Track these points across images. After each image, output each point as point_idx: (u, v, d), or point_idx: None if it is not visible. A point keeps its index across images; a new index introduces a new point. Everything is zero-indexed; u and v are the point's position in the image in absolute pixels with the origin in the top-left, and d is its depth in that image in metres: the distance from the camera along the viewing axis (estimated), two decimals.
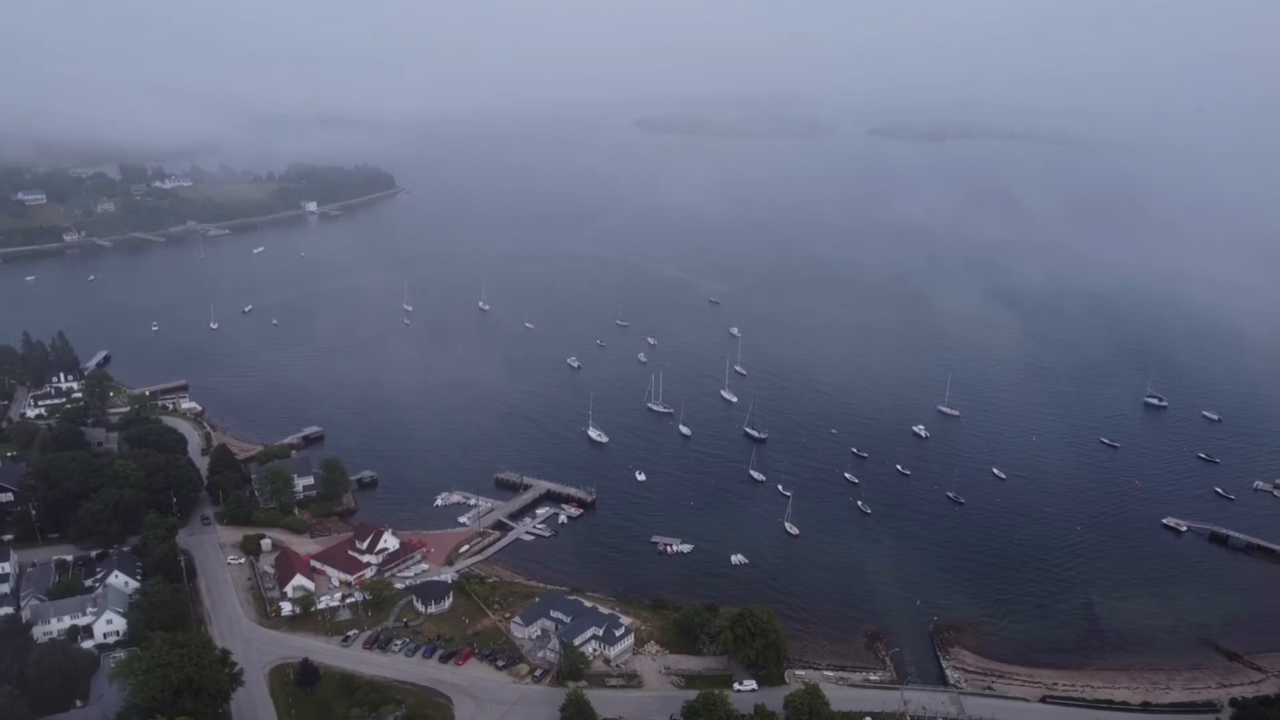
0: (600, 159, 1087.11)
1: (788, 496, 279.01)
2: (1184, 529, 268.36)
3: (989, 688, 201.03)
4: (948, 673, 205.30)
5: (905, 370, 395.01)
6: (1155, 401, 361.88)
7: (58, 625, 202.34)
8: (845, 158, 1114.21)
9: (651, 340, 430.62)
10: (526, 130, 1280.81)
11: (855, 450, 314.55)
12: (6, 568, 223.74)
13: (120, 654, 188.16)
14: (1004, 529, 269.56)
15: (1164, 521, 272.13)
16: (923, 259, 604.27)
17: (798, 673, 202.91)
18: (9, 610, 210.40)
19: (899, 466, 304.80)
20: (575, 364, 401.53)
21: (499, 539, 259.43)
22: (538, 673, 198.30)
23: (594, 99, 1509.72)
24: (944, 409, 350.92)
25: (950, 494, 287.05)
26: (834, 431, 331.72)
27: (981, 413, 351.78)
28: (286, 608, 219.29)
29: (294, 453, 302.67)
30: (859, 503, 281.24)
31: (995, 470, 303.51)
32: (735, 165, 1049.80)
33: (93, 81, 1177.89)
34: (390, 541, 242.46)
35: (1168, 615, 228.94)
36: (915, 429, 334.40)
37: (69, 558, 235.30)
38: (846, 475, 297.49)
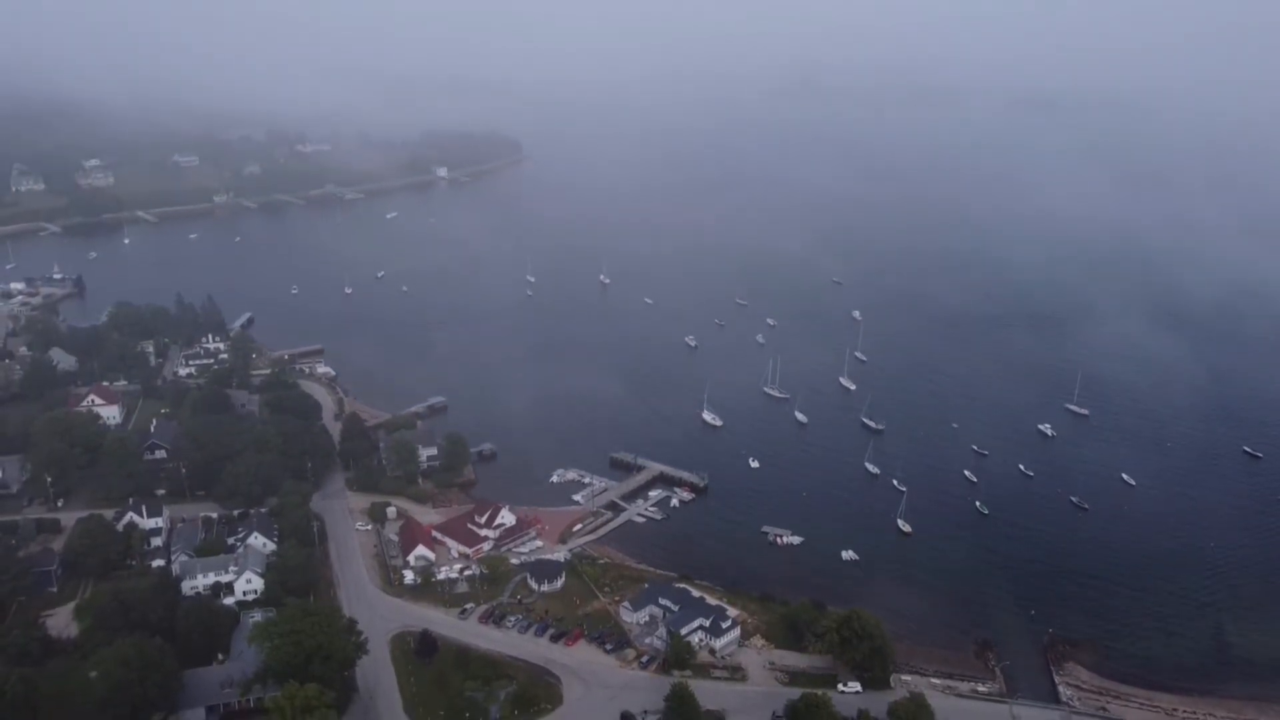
0: (730, 129, 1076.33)
1: (902, 492, 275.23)
2: None
3: (1103, 709, 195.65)
4: (1060, 689, 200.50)
5: (1033, 365, 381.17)
6: None
7: (203, 581, 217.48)
8: (984, 131, 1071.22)
9: (771, 321, 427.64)
10: (655, 99, 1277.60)
11: (976, 447, 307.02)
12: (160, 522, 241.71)
13: (257, 614, 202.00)
14: (1130, 540, 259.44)
15: None
16: (1060, 246, 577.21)
17: (904, 678, 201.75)
18: (161, 563, 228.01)
19: (1021, 466, 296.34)
20: (693, 343, 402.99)
21: (611, 519, 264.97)
22: (644, 659, 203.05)
23: (723, 71, 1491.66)
24: (1072, 407, 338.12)
25: (1074, 499, 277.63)
26: (955, 426, 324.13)
27: (1113, 413, 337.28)
28: (408, 576, 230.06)
29: (419, 423, 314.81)
30: (977, 503, 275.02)
31: (1124, 476, 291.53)
32: (867, 138, 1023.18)
33: (236, 52, 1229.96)
34: (507, 517, 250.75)
35: None
36: (1041, 427, 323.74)
37: (214, 515, 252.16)
38: (966, 473, 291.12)
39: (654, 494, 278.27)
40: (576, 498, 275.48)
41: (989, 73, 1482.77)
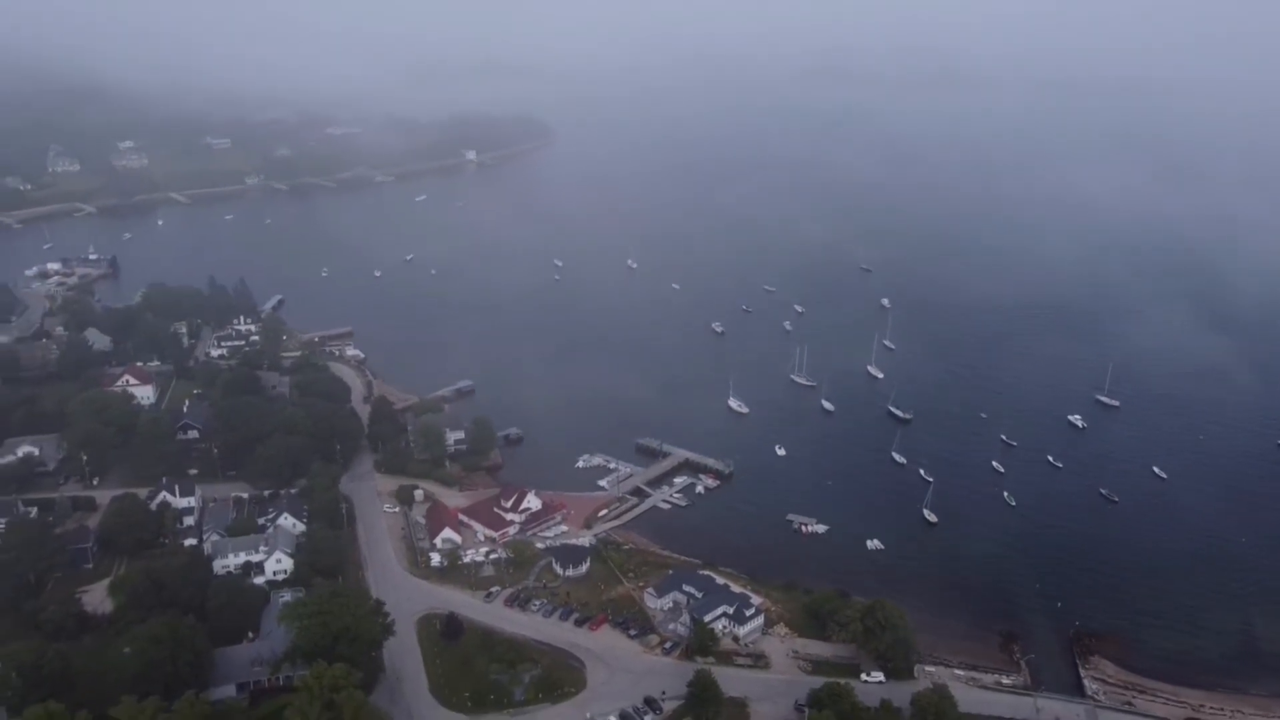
0: (757, 112, 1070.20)
1: (929, 482, 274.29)
2: None
3: (1129, 703, 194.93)
4: (1086, 683, 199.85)
5: (1064, 354, 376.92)
6: None
7: (234, 560, 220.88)
8: (1014, 116, 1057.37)
9: (799, 308, 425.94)
10: (685, 80, 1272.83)
11: (1004, 437, 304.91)
12: (192, 502, 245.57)
13: (287, 594, 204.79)
14: (1160, 533, 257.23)
15: None
16: (1094, 234, 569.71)
17: (928, 669, 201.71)
18: (193, 542, 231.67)
19: (1050, 458, 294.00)
20: (719, 329, 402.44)
21: (636, 505, 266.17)
22: (667, 645, 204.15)
23: (753, 52, 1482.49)
24: (1103, 398, 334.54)
25: (1104, 491, 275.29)
26: (983, 416, 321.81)
27: (1144, 405, 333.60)
28: (435, 559, 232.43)
29: (446, 406, 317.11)
30: (1005, 494, 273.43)
31: (1155, 469, 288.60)
32: (895, 122, 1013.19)
33: (266, 34, 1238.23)
34: (533, 502, 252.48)
35: None
36: (1071, 418, 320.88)
37: (245, 496, 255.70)
38: (994, 464, 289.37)
39: (679, 480, 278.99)
40: (602, 483, 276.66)
41: (1018, 57, 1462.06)
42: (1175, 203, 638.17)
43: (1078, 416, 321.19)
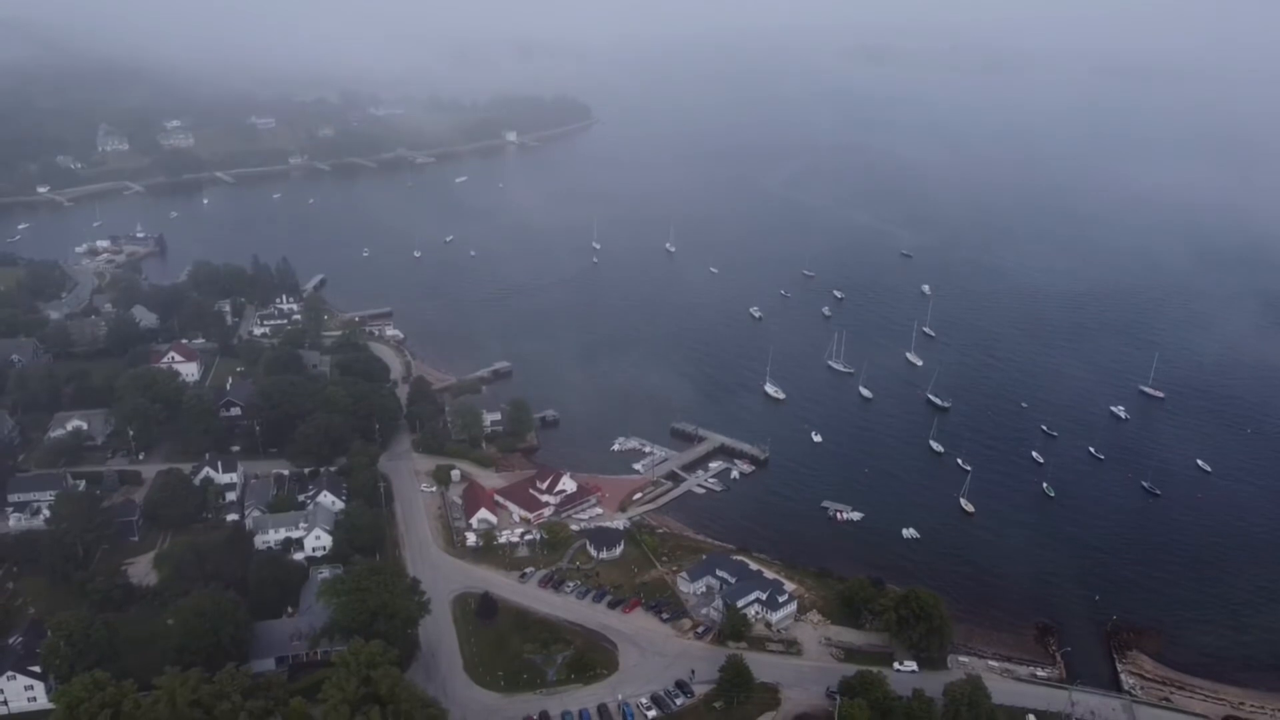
0: (798, 91, 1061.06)
1: (967, 471, 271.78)
2: None
3: (1166, 699, 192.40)
4: (1122, 678, 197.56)
5: (1108, 345, 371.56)
6: None
7: (274, 536, 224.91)
8: (1064, 100, 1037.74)
9: (838, 294, 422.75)
10: (726, 59, 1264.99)
11: (1045, 428, 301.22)
12: (234, 478, 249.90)
13: (325, 570, 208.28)
14: (1202, 528, 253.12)
15: None
16: (1143, 221, 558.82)
17: (961, 659, 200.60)
18: (235, 517, 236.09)
19: (1092, 449, 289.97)
20: (757, 314, 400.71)
21: (671, 489, 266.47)
22: (700, 630, 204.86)
23: (796, 25, 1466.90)
24: (1147, 390, 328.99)
25: (1146, 484, 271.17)
26: (1024, 405, 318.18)
27: (1190, 397, 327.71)
28: (471, 539, 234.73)
29: (484, 388, 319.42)
30: (1044, 484, 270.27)
31: (1200, 462, 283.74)
32: (940, 104, 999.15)
33: (311, 13, 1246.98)
34: (568, 484, 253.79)
35: None
36: (1114, 409, 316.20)
37: (286, 473, 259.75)
38: (1033, 454, 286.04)
39: (714, 465, 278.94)
40: (637, 466, 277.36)
41: (1068, 38, 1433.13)
42: (1236, 193, 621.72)
43: (1121, 407, 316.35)
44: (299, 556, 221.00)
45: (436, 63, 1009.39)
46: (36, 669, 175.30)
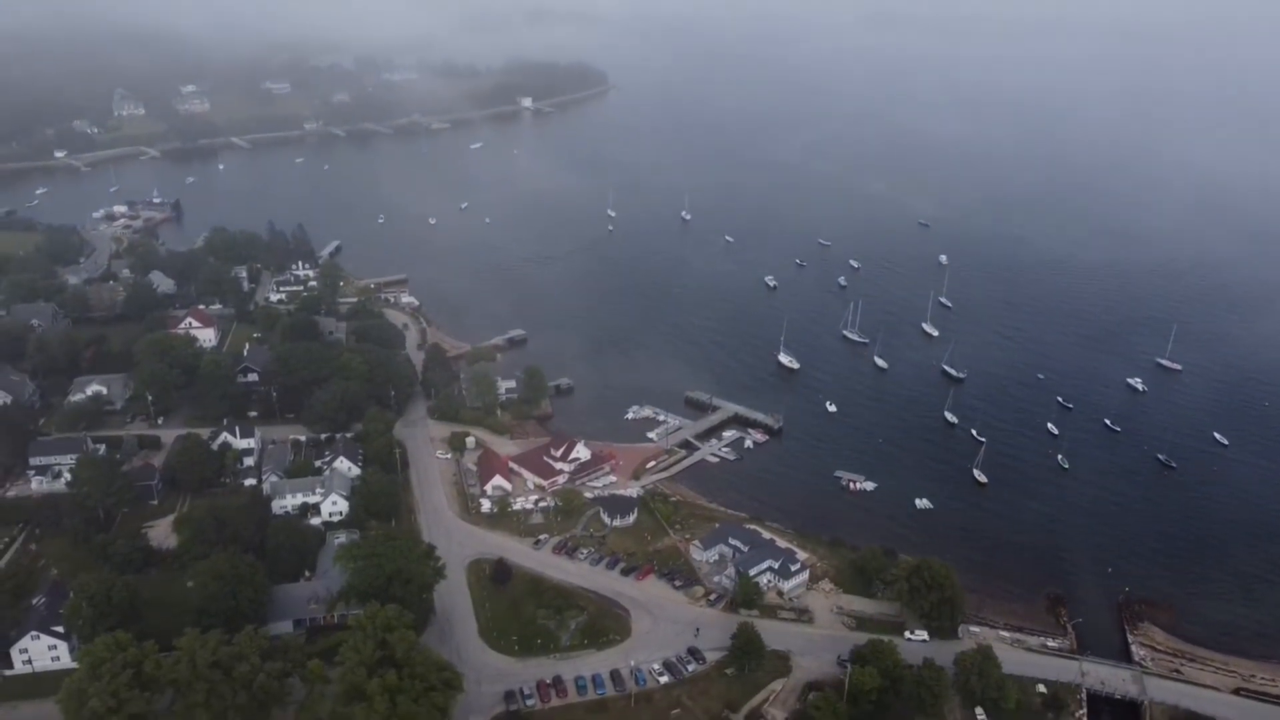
0: (815, 59, 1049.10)
1: (982, 442, 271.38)
2: None
3: (1177, 671, 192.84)
4: (1133, 649, 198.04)
5: (1126, 316, 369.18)
6: None
7: (291, 501, 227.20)
8: (1083, 65, 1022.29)
9: (854, 263, 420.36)
10: (743, 26, 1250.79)
11: (1061, 399, 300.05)
12: (253, 443, 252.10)
13: (342, 535, 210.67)
14: (1218, 501, 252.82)
15: None
16: (1162, 190, 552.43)
17: (973, 629, 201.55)
18: (253, 482, 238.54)
19: (1108, 421, 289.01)
20: (772, 283, 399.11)
21: (684, 458, 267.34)
22: (712, 597, 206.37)
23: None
24: (1165, 362, 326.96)
25: (1161, 456, 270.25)
26: (1040, 377, 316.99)
27: (1207, 369, 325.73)
28: (485, 505, 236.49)
29: (498, 356, 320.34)
30: (1059, 456, 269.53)
31: (1216, 435, 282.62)
32: (958, 70, 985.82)
33: None
34: (582, 452, 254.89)
35: None
36: (1130, 381, 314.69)
37: (302, 438, 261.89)
38: (1049, 426, 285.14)
39: (728, 434, 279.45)
40: (651, 435, 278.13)
41: (1080, 5, 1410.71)
42: (1262, 162, 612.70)
43: (1138, 380, 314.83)
44: (316, 521, 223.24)
45: (452, 28, 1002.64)
46: (60, 629, 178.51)
